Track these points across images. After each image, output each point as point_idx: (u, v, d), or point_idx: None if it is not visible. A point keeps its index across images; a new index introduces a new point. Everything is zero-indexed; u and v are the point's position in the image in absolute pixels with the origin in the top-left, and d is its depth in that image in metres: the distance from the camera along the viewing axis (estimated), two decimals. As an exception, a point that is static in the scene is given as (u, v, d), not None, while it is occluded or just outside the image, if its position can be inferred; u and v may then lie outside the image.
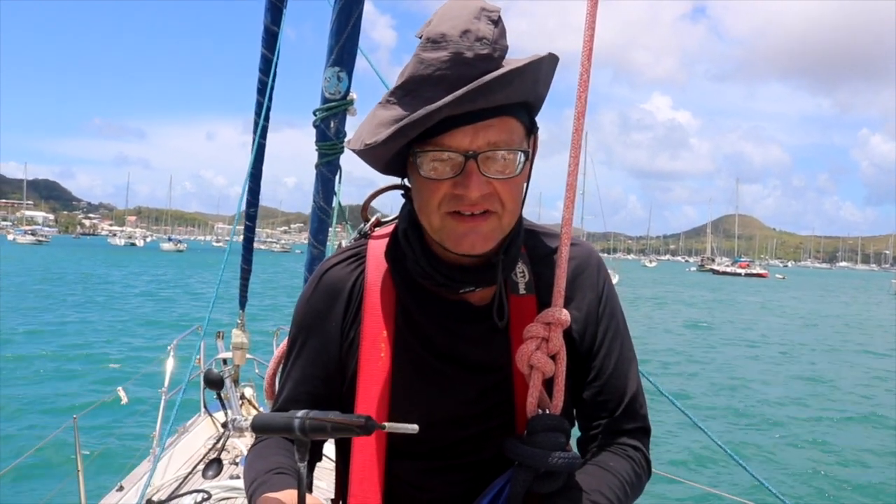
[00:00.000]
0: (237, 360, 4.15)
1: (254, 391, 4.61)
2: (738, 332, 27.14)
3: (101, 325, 19.89)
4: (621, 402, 1.20)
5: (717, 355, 20.10)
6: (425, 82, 1.00)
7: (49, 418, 9.66)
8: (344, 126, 2.40)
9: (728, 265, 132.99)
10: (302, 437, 0.92)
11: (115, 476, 4.24)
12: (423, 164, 1.03)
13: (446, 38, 0.99)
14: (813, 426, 11.93)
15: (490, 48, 0.99)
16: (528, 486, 1.06)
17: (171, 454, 3.84)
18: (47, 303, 25.15)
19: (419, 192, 1.07)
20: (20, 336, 16.91)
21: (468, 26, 0.99)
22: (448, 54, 0.98)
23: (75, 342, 16.50)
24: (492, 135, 1.01)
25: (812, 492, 8.72)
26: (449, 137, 1.00)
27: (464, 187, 1.01)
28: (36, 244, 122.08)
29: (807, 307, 45.66)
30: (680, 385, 14.79)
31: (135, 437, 7.00)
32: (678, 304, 41.61)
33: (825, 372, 17.93)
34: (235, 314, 4.13)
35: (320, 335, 1.21)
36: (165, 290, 34.03)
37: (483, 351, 1.15)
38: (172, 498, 2.99)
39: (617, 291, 1.25)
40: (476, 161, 1.01)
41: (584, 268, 1.21)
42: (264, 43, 3.08)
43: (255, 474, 1.13)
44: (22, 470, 6.77)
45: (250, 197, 3.65)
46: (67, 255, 77.85)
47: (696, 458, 9.41)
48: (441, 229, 1.06)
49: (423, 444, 1.16)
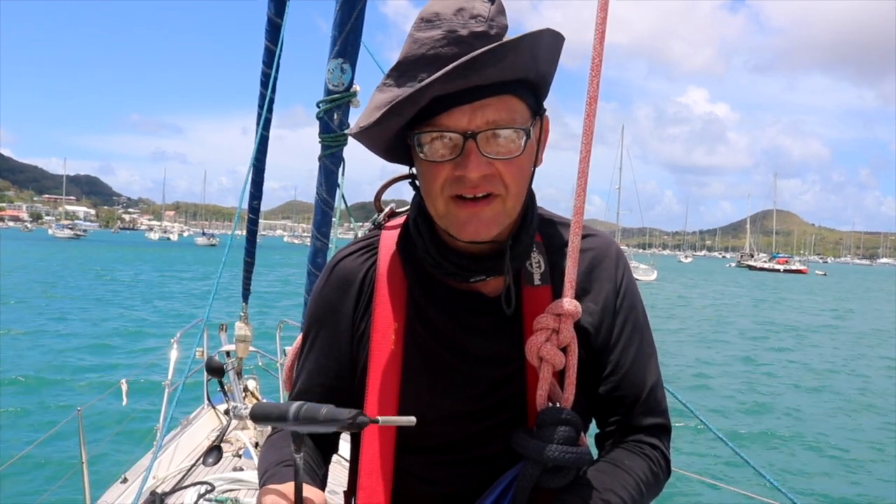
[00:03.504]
0: (240, 352, 4.15)
1: (257, 383, 4.63)
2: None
3: (81, 328, 18.22)
4: (639, 398, 1.17)
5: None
6: (419, 62, 0.98)
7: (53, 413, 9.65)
8: (347, 118, 2.39)
9: (766, 261, 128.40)
10: (297, 428, 0.92)
11: (119, 468, 4.25)
12: (423, 146, 1.01)
13: (440, 16, 0.97)
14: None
15: (486, 25, 0.97)
16: (535, 480, 1.05)
17: (174, 446, 3.85)
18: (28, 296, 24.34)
19: (423, 177, 1.05)
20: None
21: (463, 4, 0.98)
22: (441, 32, 0.97)
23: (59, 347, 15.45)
24: (490, 114, 0.99)
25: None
26: (446, 117, 0.99)
27: (463, 168, 0.99)
28: (73, 238, 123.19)
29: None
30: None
31: (139, 428, 7.01)
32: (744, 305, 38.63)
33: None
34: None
35: (332, 327, 1.20)
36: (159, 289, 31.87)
37: (495, 343, 1.13)
38: (176, 490, 3.00)
39: (657, 287, 1.17)
40: (475, 141, 0.98)
41: (601, 259, 1.18)
42: (267, 35, 3.06)
43: (266, 465, 1.13)
44: (27, 462, 6.80)
45: (253, 189, 3.64)
46: (89, 249, 76.89)
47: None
48: (445, 215, 1.04)
49: (432, 437, 1.15)
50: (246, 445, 3.56)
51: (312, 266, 2.47)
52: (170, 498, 2.95)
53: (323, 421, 0.89)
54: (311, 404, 0.92)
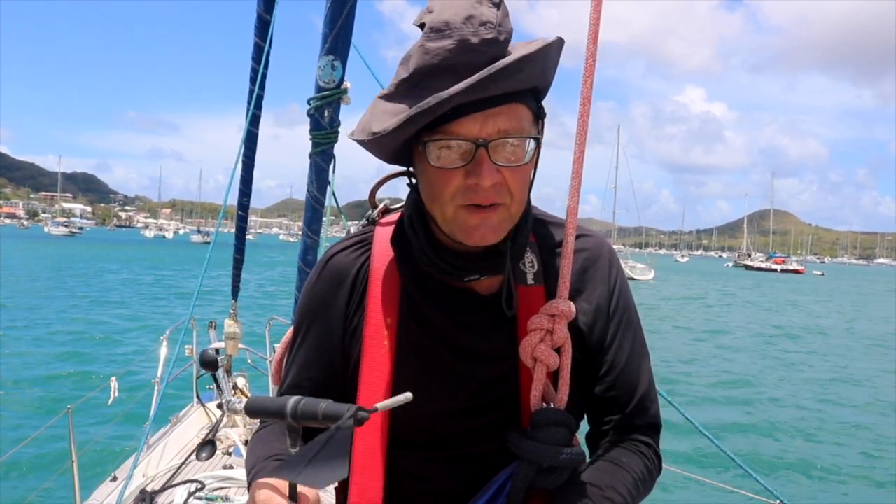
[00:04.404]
0: (230, 349, 4.14)
1: (246, 381, 4.61)
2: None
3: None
4: (632, 399, 1.18)
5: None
6: (433, 72, 0.98)
7: (43, 414, 9.57)
8: (338, 115, 2.38)
9: (763, 261, 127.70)
10: (293, 423, 0.91)
11: (108, 466, 4.23)
12: (432, 153, 1.01)
13: (450, 25, 0.97)
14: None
15: (495, 32, 0.98)
16: (530, 480, 1.06)
17: (164, 444, 3.84)
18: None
19: (429, 182, 1.05)
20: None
21: (471, 11, 0.98)
22: (453, 42, 0.97)
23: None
24: (501, 122, 0.99)
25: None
26: (458, 125, 0.99)
27: (476, 176, 0.99)
28: (69, 236, 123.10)
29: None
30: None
31: (128, 427, 6.98)
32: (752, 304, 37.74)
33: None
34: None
35: (324, 322, 1.19)
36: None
37: (488, 341, 1.13)
38: (166, 488, 2.99)
39: (655, 287, 1.17)
40: (487, 149, 0.99)
41: (594, 260, 1.19)
42: (257, 31, 3.05)
43: (255, 460, 1.12)
44: (16, 461, 6.75)
45: (242, 186, 3.63)
46: (80, 246, 75.84)
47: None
48: (453, 220, 1.04)
49: (425, 434, 1.15)
50: (236, 443, 3.55)
51: (303, 263, 2.47)
52: (160, 496, 2.94)
53: (322, 416, 0.88)
54: (309, 399, 0.91)
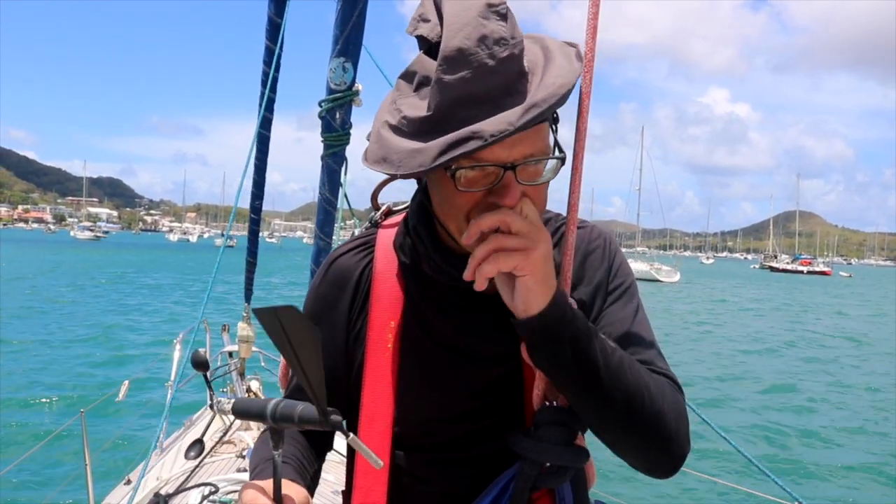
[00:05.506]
0: (243, 352, 4.15)
1: (260, 384, 4.61)
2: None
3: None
4: (639, 354, 1.10)
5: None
6: (454, 105, 0.95)
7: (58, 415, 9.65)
8: (349, 117, 2.38)
9: (789, 262, 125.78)
10: (273, 424, 0.92)
11: (122, 469, 4.25)
12: (460, 178, 0.99)
13: (464, 52, 0.93)
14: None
15: (510, 48, 0.95)
16: (533, 480, 1.04)
17: (178, 447, 3.85)
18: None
19: (447, 197, 1.03)
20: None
21: (481, 31, 0.94)
22: (471, 72, 0.93)
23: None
24: (528, 147, 0.98)
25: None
26: (489, 152, 0.96)
27: (500, 197, 0.98)
28: (94, 240, 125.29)
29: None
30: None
31: (142, 430, 7.03)
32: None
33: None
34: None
35: (328, 324, 1.19)
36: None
37: (490, 342, 1.13)
38: (180, 491, 2.99)
39: (683, 290, 1.10)
40: (514, 172, 0.98)
41: (593, 249, 1.18)
42: (268, 34, 3.06)
43: (256, 462, 1.13)
44: (30, 464, 6.80)
45: (255, 189, 3.63)
46: (106, 251, 76.80)
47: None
48: (465, 231, 1.01)
49: (428, 436, 1.15)
50: (249, 446, 3.56)
51: (315, 266, 2.47)
52: (173, 499, 2.94)
53: (298, 420, 0.89)
54: (288, 401, 0.91)
